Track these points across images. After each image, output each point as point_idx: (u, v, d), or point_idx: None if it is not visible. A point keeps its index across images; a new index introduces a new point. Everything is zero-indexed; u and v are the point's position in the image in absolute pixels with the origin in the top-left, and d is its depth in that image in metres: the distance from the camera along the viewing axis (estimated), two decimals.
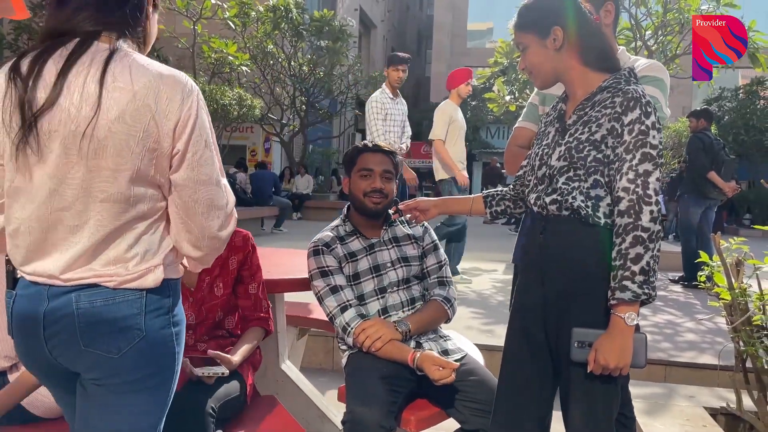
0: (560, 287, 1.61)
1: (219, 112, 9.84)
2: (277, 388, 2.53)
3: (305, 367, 3.48)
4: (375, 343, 1.99)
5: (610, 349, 1.49)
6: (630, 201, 1.49)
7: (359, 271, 2.16)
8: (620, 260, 1.49)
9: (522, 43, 1.68)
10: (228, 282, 1.97)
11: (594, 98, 1.61)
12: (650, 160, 1.51)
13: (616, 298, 1.49)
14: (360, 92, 17.61)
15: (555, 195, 1.62)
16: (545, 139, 1.73)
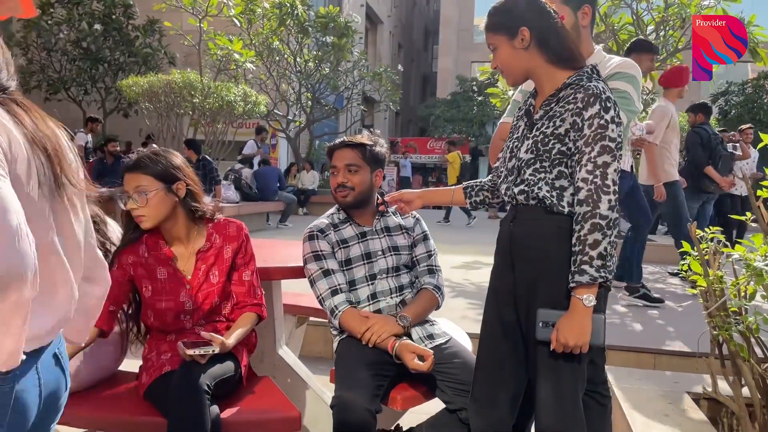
0: (527, 272, 1.73)
1: (224, 108, 9.95)
2: (274, 372, 2.64)
3: (304, 356, 3.59)
4: (381, 338, 2.09)
5: (569, 329, 1.61)
6: (588, 191, 1.61)
7: (351, 257, 2.27)
8: (579, 246, 1.60)
9: (492, 43, 1.78)
10: (223, 270, 2.07)
11: (559, 94, 1.72)
12: (609, 152, 1.61)
13: (575, 281, 1.61)
14: (366, 88, 17.71)
15: (522, 186, 1.74)
16: (516, 132, 1.85)
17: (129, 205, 1.94)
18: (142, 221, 1.97)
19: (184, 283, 2.02)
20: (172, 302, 2.00)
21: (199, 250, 2.06)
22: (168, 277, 2.02)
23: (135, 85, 9.79)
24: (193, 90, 9.61)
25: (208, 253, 2.07)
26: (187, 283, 2.03)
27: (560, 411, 1.70)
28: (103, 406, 1.91)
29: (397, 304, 2.27)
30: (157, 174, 1.96)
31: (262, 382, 2.14)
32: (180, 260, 2.05)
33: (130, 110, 14.86)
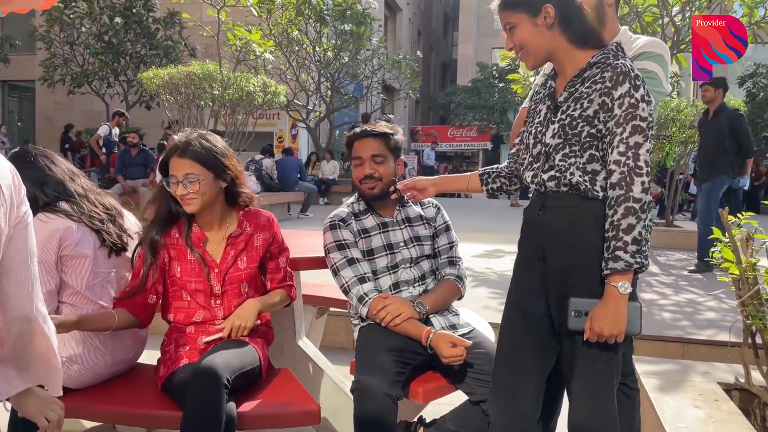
0: (561, 261, 1.66)
1: (244, 99, 9.95)
2: (293, 363, 2.62)
3: (326, 346, 3.57)
4: (395, 319, 2.06)
5: (603, 317, 1.55)
6: (621, 173, 1.54)
7: (373, 247, 2.23)
8: (613, 231, 1.54)
9: (510, 22, 1.70)
10: (252, 257, 2.08)
11: (584, 74, 1.65)
12: (640, 132, 1.55)
13: (609, 267, 1.54)
14: (385, 76, 17.60)
15: (552, 172, 1.67)
16: (537, 117, 1.77)
17: (179, 191, 1.94)
18: (189, 204, 1.97)
19: (213, 267, 2.03)
20: (201, 284, 2.01)
21: (230, 235, 2.07)
22: (197, 258, 2.03)
23: (156, 77, 9.82)
24: (212, 81, 9.61)
25: (239, 238, 2.08)
26: (215, 267, 2.03)
27: (594, 406, 1.64)
28: (121, 399, 1.90)
29: (419, 293, 2.22)
30: (208, 163, 1.97)
31: (281, 375, 2.12)
32: (210, 243, 2.05)
33: (152, 102, 14.97)
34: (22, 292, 1.14)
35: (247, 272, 2.06)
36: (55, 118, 17.33)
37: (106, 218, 2.02)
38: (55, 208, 1.93)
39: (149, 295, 2.01)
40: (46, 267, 1.86)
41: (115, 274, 2.03)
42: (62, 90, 15.95)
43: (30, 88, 19.94)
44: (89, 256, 1.93)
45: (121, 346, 2.00)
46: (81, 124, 16.92)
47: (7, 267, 1.10)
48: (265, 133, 16.33)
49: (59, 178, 2.00)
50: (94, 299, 1.95)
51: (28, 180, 1.96)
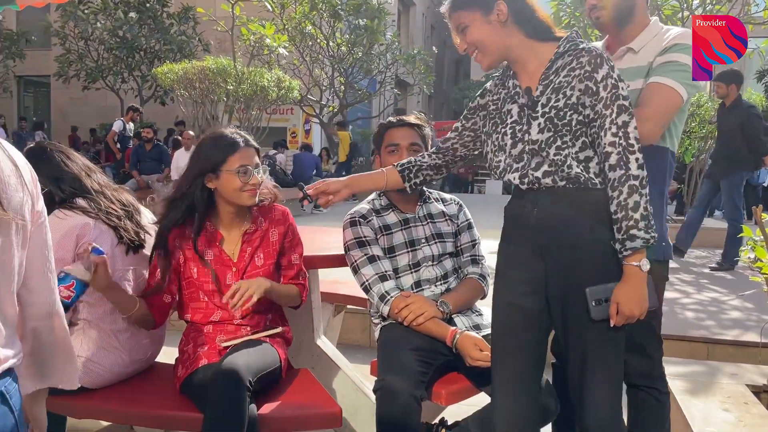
0: (565, 257, 1.63)
1: (258, 94, 9.92)
2: (312, 363, 2.58)
3: (342, 344, 3.53)
4: (417, 318, 2.01)
5: (631, 299, 1.55)
6: (618, 154, 1.55)
7: (394, 244, 2.17)
8: (622, 212, 1.54)
9: (462, 23, 1.68)
10: (269, 253, 2.04)
11: (555, 65, 1.63)
12: (625, 110, 1.56)
13: (628, 248, 1.54)
14: (399, 71, 17.50)
15: (546, 167, 1.63)
16: (508, 117, 1.71)
17: (253, 179, 1.93)
18: (255, 194, 1.96)
19: (230, 265, 1.99)
20: (220, 284, 1.97)
21: (245, 232, 2.03)
22: (214, 258, 1.99)
23: (170, 72, 9.83)
24: (226, 76, 9.60)
25: (254, 235, 2.04)
26: (233, 266, 1.99)
27: (611, 403, 1.64)
28: (139, 400, 1.87)
29: (442, 292, 2.17)
30: (258, 156, 2.01)
31: (301, 375, 2.07)
32: (226, 242, 2.02)
33: (166, 98, 15.00)
34: (44, 286, 1.14)
35: (264, 269, 2.02)
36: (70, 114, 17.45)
37: (124, 215, 1.98)
38: (71, 204, 1.90)
39: (165, 295, 1.98)
40: (63, 265, 1.83)
41: (132, 271, 1.99)
42: (77, 85, 16.02)
43: (45, 84, 20.07)
44: (106, 254, 1.89)
45: (139, 344, 1.97)
46: (95, 119, 17.01)
47: (30, 262, 1.09)
48: (279, 128, 16.32)
49: (75, 174, 1.96)
50: None
51: (44, 176, 1.93)
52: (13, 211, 0.99)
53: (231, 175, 1.92)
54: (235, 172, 1.91)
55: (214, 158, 1.93)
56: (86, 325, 1.90)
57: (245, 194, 1.94)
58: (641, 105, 1.87)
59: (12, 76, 17.77)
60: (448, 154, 1.93)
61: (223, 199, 1.98)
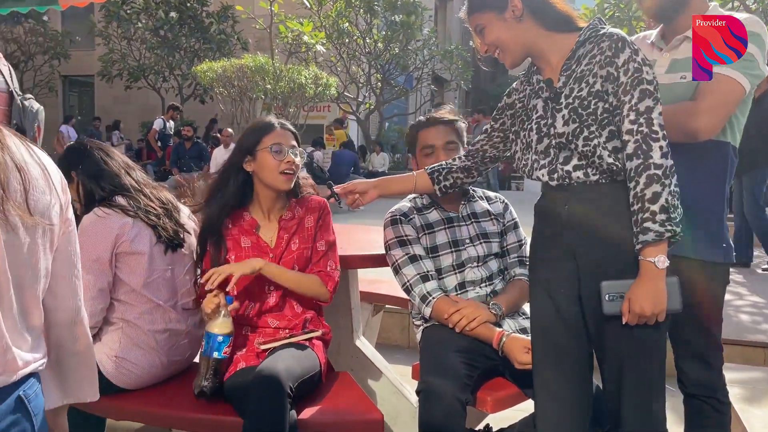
0: (599, 256, 1.57)
1: (295, 91, 9.95)
2: (351, 364, 2.53)
3: (380, 344, 3.47)
4: (471, 323, 1.92)
5: (644, 296, 1.46)
6: (636, 142, 1.47)
7: (437, 244, 2.10)
8: (638, 203, 1.46)
9: (479, 24, 1.66)
10: (303, 238, 2.01)
11: (576, 54, 1.58)
12: (649, 96, 1.48)
13: (640, 241, 1.46)
14: (436, 67, 17.36)
15: (576, 160, 1.56)
16: (533, 113, 1.66)
17: (288, 158, 1.93)
18: (291, 177, 1.96)
19: (267, 252, 1.97)
20: None
21: (282, 218, 2.01)
22: (251, 245, 1.97)
23: (209, 71, 9.95)
24: (264, 74, 9.65)
25: (291, 222, 2.02)
26: (270, 252, 1.97)
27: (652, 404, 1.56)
28: (177, 402, 1.83)
29: (487, 294, 2.08)
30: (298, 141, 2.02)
31: (341, 379, 2.01)
32: (263, 229, 2.00)
33: (205, 96, 15.20)
34: (69, 292, 1.12)
35: (297, 253, 1.99)
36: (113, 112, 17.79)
37: (163, 213, 1.96)
38: (111, 203, 1.88)
39: None
40: (100, 264, 1.82)
41: (171, 271, 1.96)
42: (120, 84, 16.37)
43: (89, 83, 20.56)
44: (145, 253, 1.87)
45: (177, 345, 1.94)
46: (137, 117, 17.34)
47: (57, 268, 1.07)
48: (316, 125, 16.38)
49: (115, 172, 1.95)
50: (150, 297, 1.89)
51: (85, 173, 1.93)
52: (39, 214, 0.99)
53: (265, 154, 1.93)
54: (269, 149, 1.91)
55: (251, 140, 1.96)
56: (124, 325, 1.88)
57: (281, 177, 1.93)
58: (699, 97, 1.75)
59: (57, 75, 18.26)
60: (477, 156, 1.90)
61: (261, 183, 1.98)
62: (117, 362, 1.84)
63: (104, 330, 1.90)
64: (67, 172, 1.95)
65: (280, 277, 1.91)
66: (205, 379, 1.71)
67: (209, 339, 1.71)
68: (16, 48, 16.77)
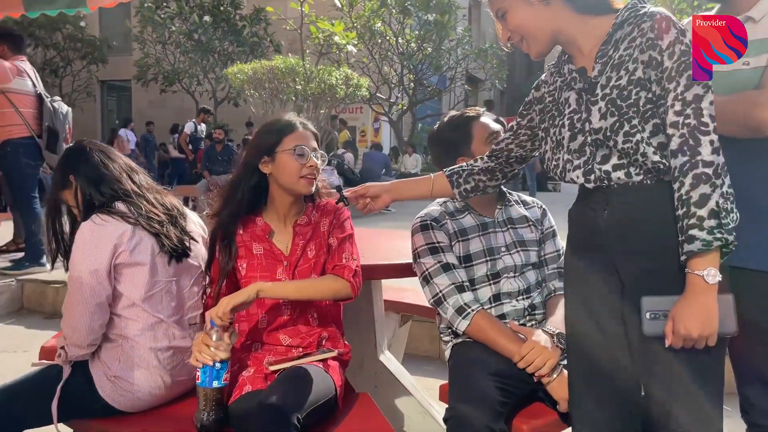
0: (643, 268, 1.36)
1: (326, 93, 9.83)
2: (375, 382, 2.35)
3: (408, 354, 3.28)
4: (541, 370, 1.68)
5: (690, 315, 1.26)
6: (681, 136, 1.27)
7: (471, 252, 1.88)
8: (683, 207, 1.26)
9: (501, 8, 1.47)
10: (320, 244, 1.84)
11: (613, 38, 1.39)
12: (698, 82, 1.27)
13: (685, 252, 1.26)
14: (470, 66, 17.08)
15: (616, 159, 1.37)
16: (566, 107, 1.46)
17: (311, 161, 1.77)
18: (312, 183, 1.80)
19: (281, 259, 1.80)
20: (268, 278, 1.76)
21: (297, 223, 1.84)
22: (264, 252, 1.81)
23: (240, 73, 9.90)
24: (295, 75, 9.55)
25: (307, 227, 1.85)
26: (284, 260, 1.80)
27: None
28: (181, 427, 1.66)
29: (524, 308, 1.87)
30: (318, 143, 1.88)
31: (360, 401, 1.82)
32: (277, 235, 1.84)
33: (239, 99, 15.24)
34: None
35: (314, 260, 1.81)
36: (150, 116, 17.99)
37: (166, 220, 1.80)
38: (110, 209, 1.73)
39: None
40: (98, 276, 1.67)
41: (176, 283, 1.80)
42: (155, 88, 16.55)
43: (126, 87, 20.89)
44: (146, 264, 1.72)
45: (182, 364, 1.77)
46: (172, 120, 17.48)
47: None
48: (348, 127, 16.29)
49: (116, 176, 1.80)
50: (151, 312, 1.73)
51: (83, 178, 1.78)
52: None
53: (287, 156, 1.76)
54: (292, 151, 1.75)
55: (270, 140, 1.80)
56: (123, 342, 1.72)
57: (302, 181, 1.76)
58: (764, 86, 1.52)
59: (95, 80, 18.58)
60: (501, 155, 1.73)
61: (278, 186, 1.81)
62: (115, 383, 1.69)
63: (102, 348, 1.74)
64: (66, 176, 1.81)
65: (284, 293, 1.72)
66: (207, 413, 1.54)
67: (206, 368, 1.54)
68: (56, 54, 17.10)
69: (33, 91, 4.70)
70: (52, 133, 4.66)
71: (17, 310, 4.55)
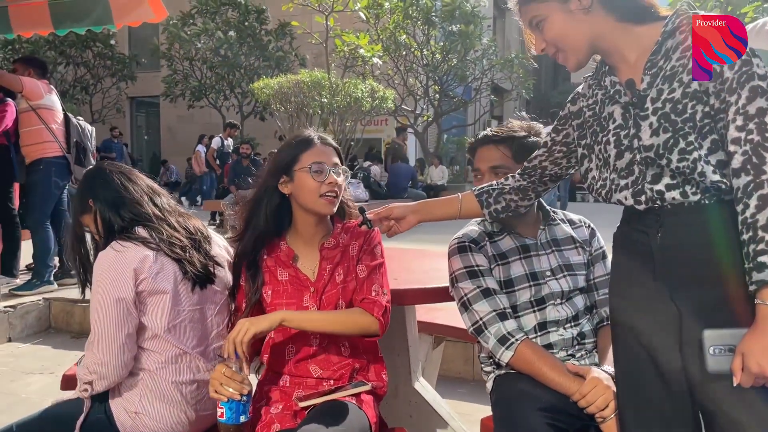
0: (706, 295, 1.25)
1: (352, 106, 9.79)
2: (410, 411, 2.22)
3: (442, 376, 3.15)
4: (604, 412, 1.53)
5: (762, 350, 1.14)
6: (744, 153, 1.17)
7: (513, 277, 1.75)
8: (749, 232, 1.16)
9: (537, 16, 1.38)
10: (348, 269, 1.72)
11: (663, 48, 1.29)
12: (762, 94, 1.18)
13: (754, 281, 1.15)
14: (496, 77, 16.93)
15: (668, 179, 1.26)
16: (610, 123, 1.35)
17: (330, 178, 1.67)
18: (335, 201, 1.70)
19: (308, 285, 1.70)
20: (294, 306, 1.67)
21: (323, 246, 1.73)
22: (290, 278, 1.70)
23: (266, 87, 9.91)
24: (321, 89, 9.53)
25: (334, 250, 1.73)
26: (311, 285, 1.69)
27: None
28: None
29: (573, 337, 1.72)
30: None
31: None
32: (302, 259, 1.73)
33: (265, 113, 15.32)
34: None
35: (343, 285, 1.70)
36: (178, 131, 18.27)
37: (189, 245, 1.71)
38: (130, 234, 1.64)
39: None
40: (123, 306, 1.57)
41: (200, 312, 1.70)
42: (183, 104, 16.75)
43: (155, 104, 21.21)
44: (169, 291, 1.62)
45: (205, 397, 1.67)
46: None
47: None
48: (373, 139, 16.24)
49: (136, 198, 1.71)
50: (175, 343, 1.64)
51: (102, 201, 1.70)
52: None
53: (305, 174, 1.66)
54: (308, 169, 1.65)
55: (287, 158, 1.71)
56: (145, 376, 1.63)
57: (322, 200, 1.66)
58: None
59: (125, 97, 18.87)
60: (535, 174, 1.64)
61: (299, 207, 1.71)
62: (136, 419, 1.59)
63: (123, 382, 1.64)
64: (85, 201, 1.73)
65: (310, 324, 1.61)
66: None
67: (231, 403, 1.43)
68: (86, 71, 17.41)
69: (60, 109, 4.74)
70: (80, 148, 4.71)
71: (45, 330, 4.53)
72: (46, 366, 3.74)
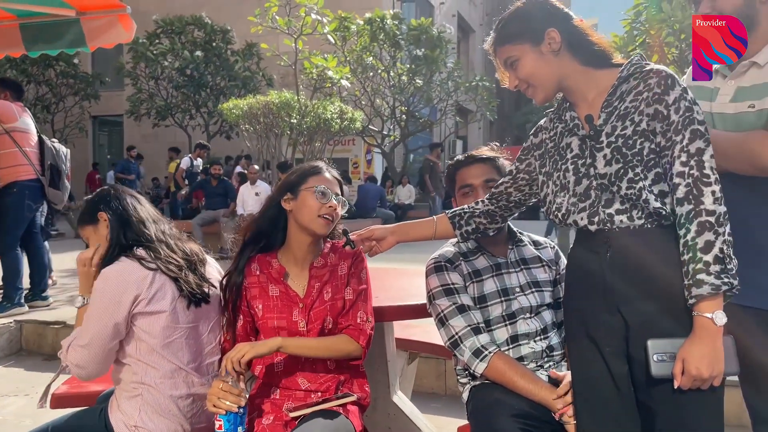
0: (649, 308, 1.42)
1: (321, 126, 9.92)
2: (388, 422, 2.34)
3: (415, 392, 3.27)
4: None
5: (700, 356, 1.33)
6: (687, 185, 1.37)
7: (486, 293, 1.90)
8: (689, 253, 1.35)
9: (511, 56, 1.56)
10: (337, 287, 1.86)
11: (618, 90, 1.48)
12: (700, 137, 1.38)
13: (693, 296, 1.34)
14: (460, 99, 17.29)
15: (619, 204, 1.44)
16: (568, 152, 1.54)
17: (331, 203, 1.83)
18: (330, 223, 1.84)
19: (297, 302, 1.82)
20: (285, 320, 1.79)
21: (313, 265, 1.86)
22: (280, 294, 1.83)
23: (235, 108, 9.98)
24: (290, 110, 9.65)
25: (323, 269, 1.87)
26: (300, 302, 1.82)
27: None
28: None
29: (543, 349, 1.87)
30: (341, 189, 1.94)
31: None
32: (292, 277, 1.86)
33: (231, 132, 15.32)
34: None
35: (330, 303, 1.83)
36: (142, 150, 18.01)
37: (185, 265, 1.81)
38: (129, 254, 1.75)
39: None
40: (117, 323, 1.68)
41: (194, 329, 1.80)
42: (148, 123, 16.61)
43: (118, 122, 20.94)
44: (166, 310, 1.72)
45: (201, 411, 1.77)
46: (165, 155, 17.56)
47: None
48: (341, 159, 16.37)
49: (142, 220, 1.83)
50: (170, 359, 1.73)
51: (115, 215, 1.81)
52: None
53: (309, 194, 1.82)
54: (313, 190, 1.81)
55: (295, 179, 1.88)
56: (144, 390, 1.72)
57: (320, 220, 1.80)
58: None
59: (88, 116, 18.60)
60: (501, 199, 1.81)
61: (296, 225, 1.85)
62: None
63: (122, 397, 1.74)
64: (94, 213, 1.83)
65: (303, 351, 1.76)
66: None
67: (229, 416, 1.54)
68: (48, 90, 17.14)
69: (35, 131, 4.75)
70: (55, 171, 4.71)
71: (16, 352, 4.50)
72: (21, 388, 3.73)
